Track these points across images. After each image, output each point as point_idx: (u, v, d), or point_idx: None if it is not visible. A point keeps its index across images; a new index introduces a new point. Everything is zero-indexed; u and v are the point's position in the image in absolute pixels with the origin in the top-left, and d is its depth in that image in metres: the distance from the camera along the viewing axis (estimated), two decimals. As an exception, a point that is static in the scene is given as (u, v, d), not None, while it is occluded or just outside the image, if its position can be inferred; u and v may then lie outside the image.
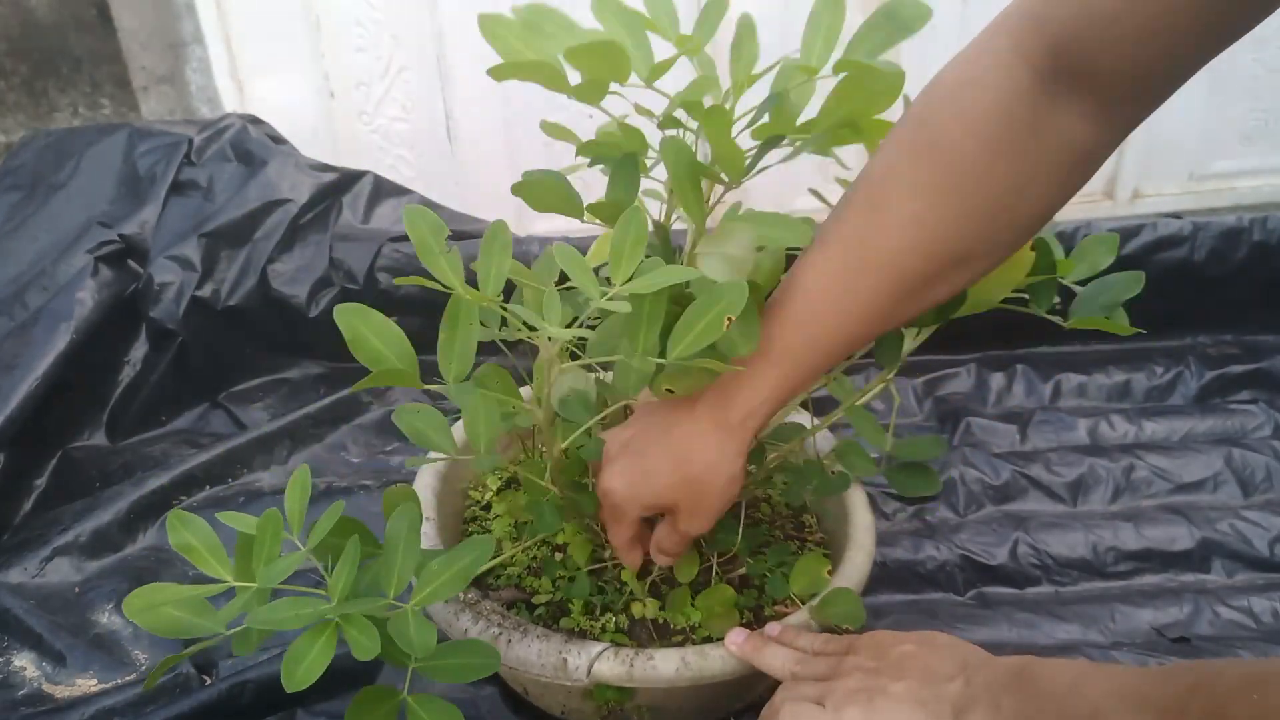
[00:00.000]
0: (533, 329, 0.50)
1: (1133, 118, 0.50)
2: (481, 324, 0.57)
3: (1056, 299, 0.67)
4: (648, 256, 0.53)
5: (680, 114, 0.55)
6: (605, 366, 0.66)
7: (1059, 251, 0.65)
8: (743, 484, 0.61)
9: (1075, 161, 0.51)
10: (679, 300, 0.55)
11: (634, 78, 0.54)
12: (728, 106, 0.56)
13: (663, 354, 0.53)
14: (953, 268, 0.53)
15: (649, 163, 0.60)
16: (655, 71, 0.55)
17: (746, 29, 0.57)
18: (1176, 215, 1.30)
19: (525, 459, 0.74)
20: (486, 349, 0.66)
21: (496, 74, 0.52)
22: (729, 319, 0.50)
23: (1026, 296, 0.66)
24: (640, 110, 0.57)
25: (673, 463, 0.58)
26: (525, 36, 0.52)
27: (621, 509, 0.62)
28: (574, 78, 0.52)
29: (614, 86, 0.53)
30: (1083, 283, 0.68)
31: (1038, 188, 0.51)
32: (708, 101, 0.54)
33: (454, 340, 0.52)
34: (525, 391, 0.72)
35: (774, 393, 0.57)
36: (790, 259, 0.60)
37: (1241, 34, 0.45)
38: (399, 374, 0.51)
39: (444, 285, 0.50)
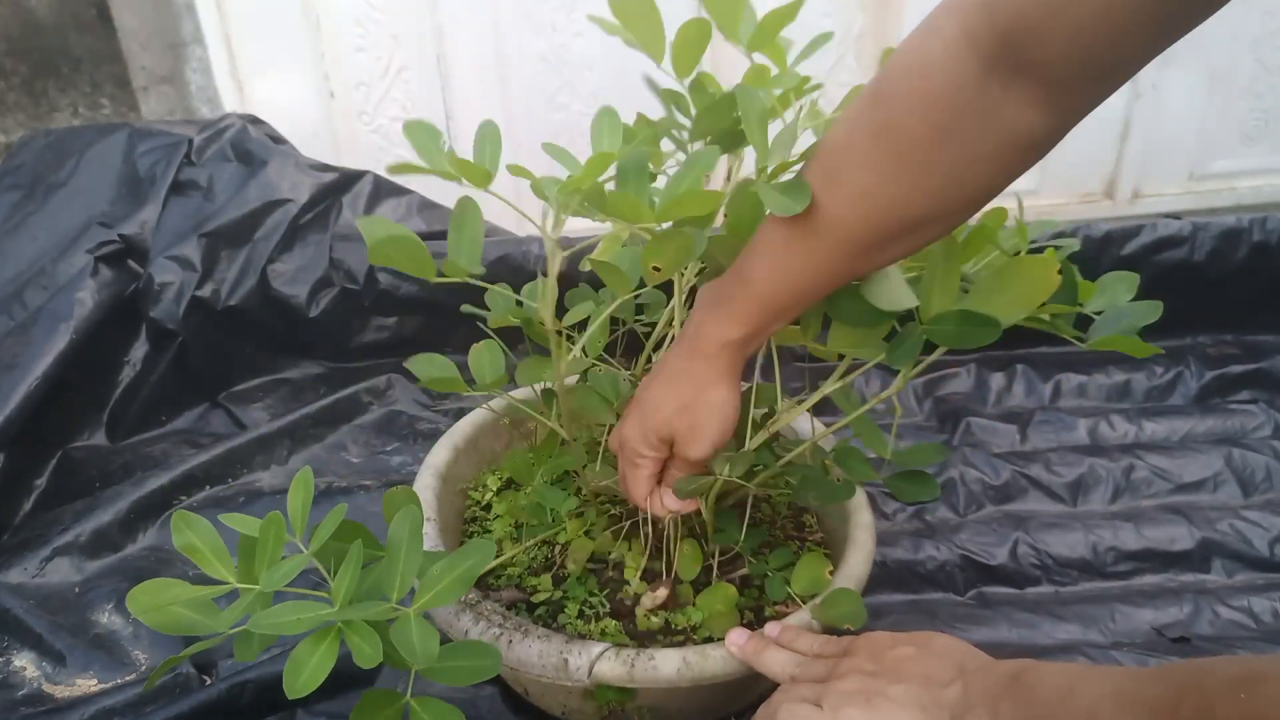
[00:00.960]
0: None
1: (1081, 106, 0.51)
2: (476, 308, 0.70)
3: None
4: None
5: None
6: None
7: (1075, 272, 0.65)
8: (738, 411, 0.65)
9: (1022, 147, 0.52)
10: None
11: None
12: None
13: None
14: (902, 234, 0.57)
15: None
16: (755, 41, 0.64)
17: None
18: (1176, 215, 1.31)
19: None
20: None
21: None
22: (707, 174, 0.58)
23: (1044, 317, 0.66)
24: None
25: (668, 394, 0.65)
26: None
27: (635, 449, 0.67)
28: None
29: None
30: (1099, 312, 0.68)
31: (984, 170, 0.53)
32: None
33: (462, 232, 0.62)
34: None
35: (744, 328, 0.62)
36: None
37: (1188, 29, 0.45)
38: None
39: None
